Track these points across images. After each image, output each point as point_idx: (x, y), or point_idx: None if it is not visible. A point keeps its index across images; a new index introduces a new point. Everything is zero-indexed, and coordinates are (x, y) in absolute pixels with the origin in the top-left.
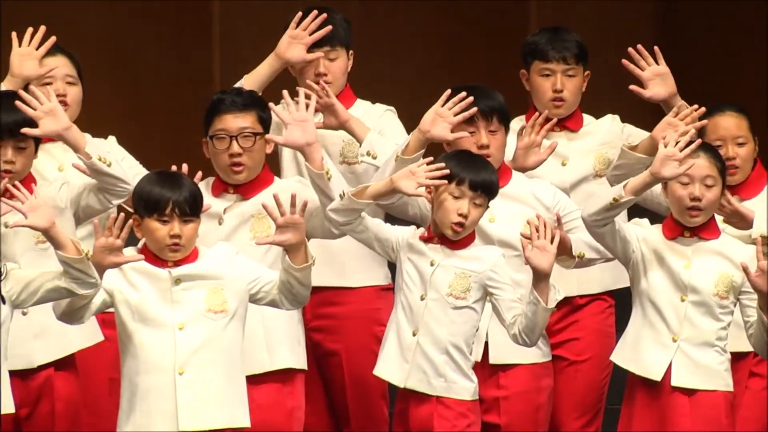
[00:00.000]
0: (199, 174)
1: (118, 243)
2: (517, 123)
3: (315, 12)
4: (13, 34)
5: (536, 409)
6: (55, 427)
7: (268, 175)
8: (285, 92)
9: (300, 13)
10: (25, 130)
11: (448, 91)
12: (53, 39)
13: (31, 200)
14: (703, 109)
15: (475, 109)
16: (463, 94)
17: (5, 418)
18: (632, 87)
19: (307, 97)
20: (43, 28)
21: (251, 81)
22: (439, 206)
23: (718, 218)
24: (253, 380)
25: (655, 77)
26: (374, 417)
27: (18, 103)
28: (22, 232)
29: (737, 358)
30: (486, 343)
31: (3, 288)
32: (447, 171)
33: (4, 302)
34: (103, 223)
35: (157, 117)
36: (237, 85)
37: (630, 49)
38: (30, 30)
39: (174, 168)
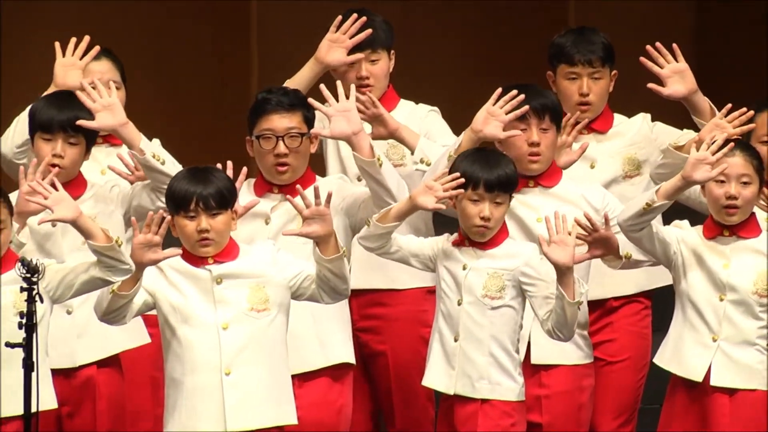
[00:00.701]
0: (244, 170)
1: (156, 239)
2: None
3: (354, 15)
4: (56, 44)
5: (578, 409)
6: (97, 427)
7: (311, 175)
8: (323, 86)
9: (340, 17)
10: (81, 122)
11: (499, 90)
12: (97, 48)
13: (54, 194)
14: (752, 112)
15: (526, 107)
16: (514, 92)
17: (47, 415)
18: (650, 85)
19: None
20: (87, 38)
21: (293, 85)
22: (461, 213)
23: (762, 216)
24: (302, 377)
25: (674, 75)
26: (420, 417)
27: (79, 93)
28: (69, 233)
29: None
30: (528, 343)
31: (40, 285)
32: (462, 180)
33: (41, 301)
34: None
35: (197, 117)
36: None
37: (648, 47)
38: (74, 40)
39: (218, 165)
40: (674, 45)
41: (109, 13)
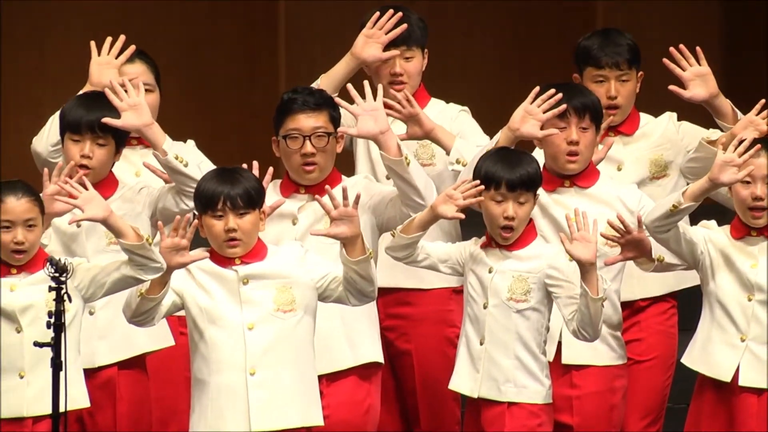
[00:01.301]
0: (270, 170)
1: (183, 243)
2: None
3: (391, 11)
4: (92, 43)
5: (609, 410)
6: (117, 428)
7: (337, 174)
8: (350, 86)
9: (377, 13)
10: (106, 119)
11: (537, 89)
12: (133, 48)
13: (84, 193)
14: None
15: (564, 106)
16: (552, 91)
17: (70, 414)
18: (672, 87)
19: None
20: (122, 37)
21: (327, 81)
22: (486, 214)
23: None
24: (330, 377)
25: (696, 78)
26: (445, 417)
27: (107, 91)
28: (94, 234)
29: None
30: (559, 343)
31: (71, 284)
32: (482, 187)
33: (70, 300)
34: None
35: (226, 117)
36: (313, 85)
37: (672, 49)
38: (109, 39)
39: (245, 165)
40: (698, 48)
41: (139, 13)
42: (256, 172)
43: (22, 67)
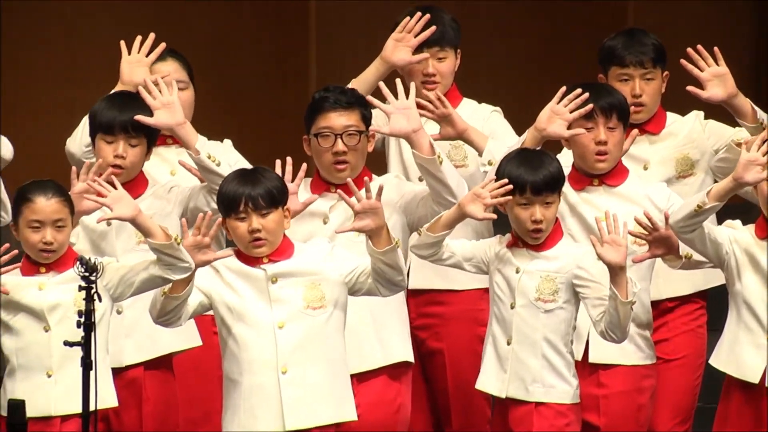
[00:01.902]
0: (304, 166)
1: (206, 241)
2: None
3: (419, 14)
4: (122, 43)
5: (637, 410)
6: (143, 428)
7: (367, 174)
8: (382, 84)
9: (407, 17)
10: (138, 117)
11: (563, 89)
12: (163, 45)
13: (113, 193)
14: None
15: (590, 106)
16: (578, 90)
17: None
18: (690, 88)
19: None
20: (152, 35)
21: (358, 85)
22: (513, 218)
23: None
24: (360, 376)
25: (714, 78)
26: (476, 417)
27: (140, 89)
28: (123, 233)
29: None
30: (587, 342)
31: (100, 283)
32: (510, 186)
33: (99, 300)
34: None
35: (255, 117)
36: None
37: (689, 50)
38: (139, 38)
39: (278, 162)
40: (715, 49)
41: (168, 12)
42: (289, 168)
43: (54, 67)
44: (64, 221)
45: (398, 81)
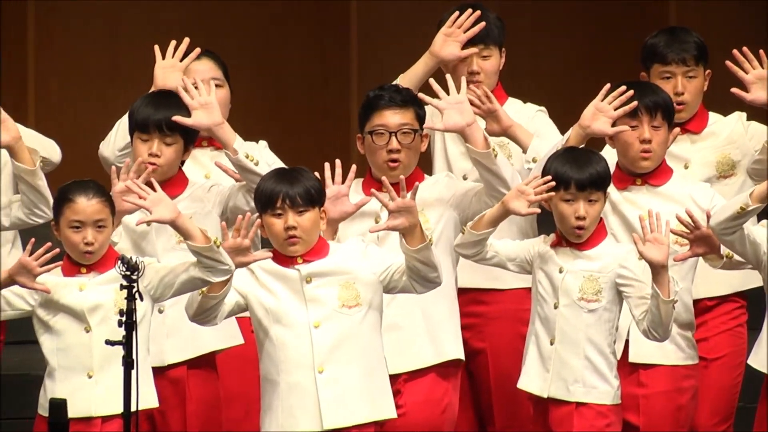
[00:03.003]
0: (353, 167)
1: (245, 243)
2: None
3: (470, 10)
4: (156, 47)
5: (677, 410)
6: (188, 427)
7: (419, 173)
8: (432, 81)
9: (456, 12)
10: (176, 118)
11: (608, 86)
12: (197, 50)
13: (152, 195)
14: None
15: (634, 103)
16: (623, 88)
17: (141, 412)
18: (734, 90)
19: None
20: (186, 40)
21: (406, 81)
22: (557, 214)
23: None
24: (409, 374)
25: (758, 81)
26: (519, 416)
27: (179, 88)
28: (163, 233)
29: None
30: (627, 341)
31: (141, 283)
32: (553, 183)
33: (141, 299)
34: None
35: (297, 117)
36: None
37: (734, 51)
38: (173, 42)
39: (326, 165)
40: (761, 51)
41: (209, 13)
42: (338, 170)
43: (94, 67)
44: (105, 221)
45: (448, 76)
